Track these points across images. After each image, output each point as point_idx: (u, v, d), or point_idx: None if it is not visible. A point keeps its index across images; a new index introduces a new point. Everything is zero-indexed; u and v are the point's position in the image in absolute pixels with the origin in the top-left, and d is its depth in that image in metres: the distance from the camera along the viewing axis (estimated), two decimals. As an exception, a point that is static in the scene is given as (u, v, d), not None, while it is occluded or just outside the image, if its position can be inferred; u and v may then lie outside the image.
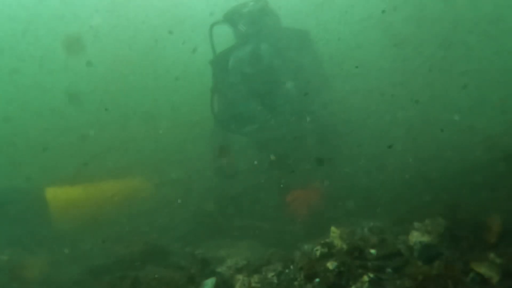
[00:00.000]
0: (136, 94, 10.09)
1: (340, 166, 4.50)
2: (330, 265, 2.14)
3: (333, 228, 2.50)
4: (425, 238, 2.24)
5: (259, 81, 4.54)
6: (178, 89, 9.11)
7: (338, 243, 2.40)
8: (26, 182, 5.31)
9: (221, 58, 4.79)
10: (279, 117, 4.55)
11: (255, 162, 4.65)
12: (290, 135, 4.42)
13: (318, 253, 2.35)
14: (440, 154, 4.50)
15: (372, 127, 5.36)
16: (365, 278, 2.02)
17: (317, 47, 4.88)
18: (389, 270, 2.12)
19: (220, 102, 4.80)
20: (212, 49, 4.85)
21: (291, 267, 2.41)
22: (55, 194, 4.67)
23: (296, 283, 2.23)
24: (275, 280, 2.33)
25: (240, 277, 2.42)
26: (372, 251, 2.28)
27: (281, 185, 4.29)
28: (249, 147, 4.88)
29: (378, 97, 5.73)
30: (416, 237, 2.26)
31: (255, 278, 2.37)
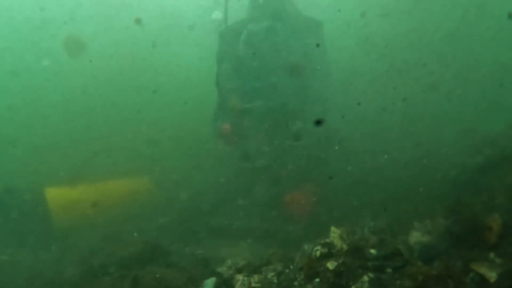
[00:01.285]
0: (134, 96, 10.09)
1: (339, 166, 4.50)
2: (330, 265, 2.13)
3: (333, 228, 2.49)
4: (425, 238, 2.24)
5: (270, 58, 4.50)
6: (175, 93, 9.13)
7: (338, 243, 2.39)
8: (26, 182, 5.31)
9: (233, 30, 4.71)
10: (282, 98, 4.50)
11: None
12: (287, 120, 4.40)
13: (318, 253, 2.34)
14: (440, 155, 4.50)
15: (371, 127, 5.35)
16: (365, 278, 2.02)
17: (326, 40, 4.88)
18: (389, 270, 2.12)
19: (226, 74, 4.75)
20: (225, 19, 4.77)
21: (291, 267, 2.42)
22: (55, 194, 4.67)
23: (296, 283, 2.23)
24: (275, 280, 2.33)
25: (240, 277, 2.42)
26: (372, 251, 2.28)
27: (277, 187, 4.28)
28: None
29: (376, 97, 5.73)
30: (416, 237, 2.26)
31: (255, 278, 2.37)
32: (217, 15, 5.07)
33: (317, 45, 4.60)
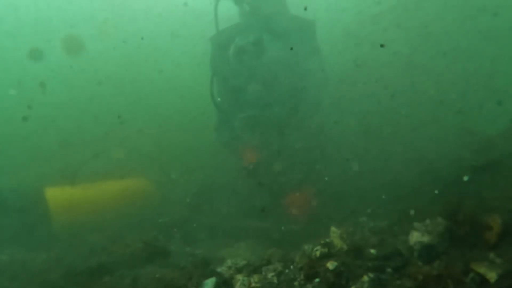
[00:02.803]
0: (134, 95, 10.09)
1: (339, 166, 4.50)
2: (330, 265, 2.14)
3: (333, 228, 2.50)
4: (425, 238, 2.24)
5: (259, 71, 4.50)
6: (174, 91, 9.13)
7: (338, 243, 2.40)
8: (26, 182, 5.31)
9: (222, 40, 4.71)
10: (275, 107, 4.52)
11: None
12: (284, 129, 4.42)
13: (318, 253, 2.35)
14: (440, 155, 4.50)
15: (370, 127, 5.35)
16: (365, 278, 2.02)
17: (319, 40, 4.85)
18: (389, 270, 2.13)
19: (219, 85, 4.76)
20: (216, 25, 4.76)
21: (291, 267, 2.42)
22: (55, 194, 4.67)
23: (296, 283, 2.23)
24: (275, 280, 2.33)
25: (240, 277, 2.42)
26: (372, 251, 2.28)
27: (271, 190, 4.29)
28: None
29: (375, 98, 5.73)
30: (416, 237, 2.26)
31: (255, 278, 2.37)
32: None
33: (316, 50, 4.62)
